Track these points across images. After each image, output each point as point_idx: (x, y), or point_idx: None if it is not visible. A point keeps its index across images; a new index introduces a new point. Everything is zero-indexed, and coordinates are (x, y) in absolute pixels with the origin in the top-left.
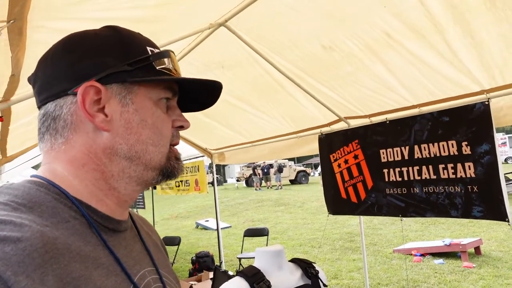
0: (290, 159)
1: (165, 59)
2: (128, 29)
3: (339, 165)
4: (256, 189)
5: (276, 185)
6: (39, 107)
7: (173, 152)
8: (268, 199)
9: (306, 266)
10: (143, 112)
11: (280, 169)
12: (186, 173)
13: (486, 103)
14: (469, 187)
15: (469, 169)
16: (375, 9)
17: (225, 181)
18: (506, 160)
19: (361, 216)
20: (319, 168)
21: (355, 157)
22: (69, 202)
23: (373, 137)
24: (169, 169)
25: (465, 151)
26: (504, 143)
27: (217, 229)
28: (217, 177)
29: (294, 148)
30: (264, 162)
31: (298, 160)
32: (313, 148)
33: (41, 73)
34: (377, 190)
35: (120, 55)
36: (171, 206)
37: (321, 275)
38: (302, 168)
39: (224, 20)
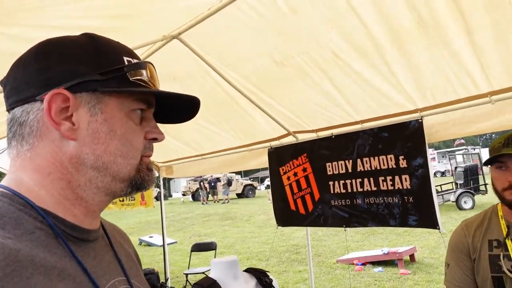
0: (237, 173)
1: (142, 71)
2: (108, 38)
3: (288, 178)
4: (202, 203)
5: (223, 199)
6: (8, 111)
7: (144, 163)
8: (215, 213)
9: (260, 275)
10: (113, 122)
11: (229, 183)
12: None
13: (420, 120)
14: (405, 197)
15: (406, 181)
16: (324, 29)
17: (170, 196)
18: (435, 173)
19: (308, 228)
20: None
21: (304, 170)
22: (34, 213)
23: (320, 151)
24: (139, 181)
25: (402, 164)
26: (433, 158)
27: (163, 245)
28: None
29: (245, 161)
30: (211, 176)
31: (245, 173)
32: (262, 161)
33: (12, 77)
34: (324, 201)
35: (93, 63)
36: (113, 222)
37: (275, 283)
38: (249, 181)
39: (178, 33)
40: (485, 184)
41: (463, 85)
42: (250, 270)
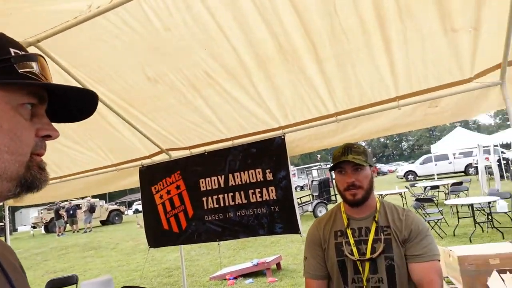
0: (101, 198)
1: (32, 63)
2: None
3: (161, 197)
4: (58, 235)
5: (84, 228)
6: None
7: (35, 161)
8: (75, 244)
9: None
10: None
11: (92, 209)
12: None
13: (282, 137)
14: (272, 207)
15: (272, 192)
16: (197, 49)
17: (15, 230)
18: (296, 188)
19: (182, 247)
20: (134, 206)
21: (177, 187)
22: None
23: (194, 167)
24: (29, 179)
25: (269, 177)
26: (294, 174)
27: None
28: (2, 225)
29: (113, 181)
30: (70, 203)
31: (110, 198)
32: (133, 180)
33: None
34: (197, 218)
35: None
36: None
37: None
38: (115, 206)
39: (36, 40)
40: (335, 195)
41: (315, 106)
42: None
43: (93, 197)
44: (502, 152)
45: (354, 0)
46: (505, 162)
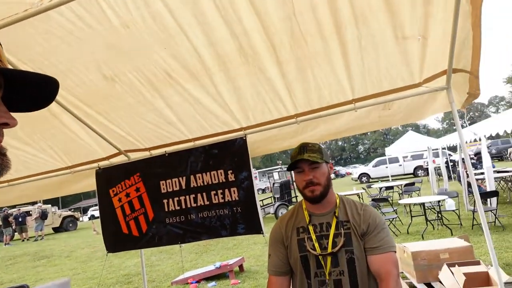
0: (53, 204)
1: None
2: None
3: (119, 199)
4: (5, 244)
5: (35, 236)
6: None
7: None
8: (25, 253)
9: None
10: None
11: (43, 216)
12: None
13: (244, 138)
14: (234, 208)
15: (234, 193)
16: (156, 48)
17: None
18: (258, 190)
19: (142, 252)
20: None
21: (137, 189)
22: None
23: (154, 169)
24: None
25: (231, 178)
26: (256, 177)
27: None
28: None
29: (68, 185)
30: (18, 209)
31: (63, 204)
32: (89, 183)
33: None
34: (158, 221)
35: None
36: None
37: None
38: (69, 213)
39: None
40: (296, 196)
41: (276, 107)
42: None
43: (45, 203)
44: (449, 155)
45: (312, 5)
46: (452, 163)
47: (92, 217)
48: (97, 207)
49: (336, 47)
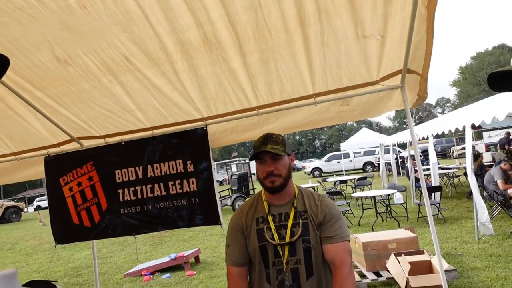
0: None
1: None
2: None
3: (70, 189)
4: None
5: None
6: None
7: None
8: None
9: (45, 286)
10: None
11: None
12: None
13: (205, 128)
14: (193, 199)
15: (193, 184)
16: (115, 31)
17: None
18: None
19: (94, 243)
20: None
21: (90, 178)
22: None
23: (109, 158)
24: None
25: (189, 168)
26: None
27: None
28: None
29: (13, 173)
30: None
31: (6, 194)
32: (37, 171)
33: None
34: (112, 211)
35: None
36: None
37: None
38: (12, 203)
39: None
40: (254, 189)
41: (238, 98)
42: (32, 283)
43: None
44: (399, 151)
45: None
46: (401, 160)
47: (39, 208)
48: (44, 197)
49: (299, 41)
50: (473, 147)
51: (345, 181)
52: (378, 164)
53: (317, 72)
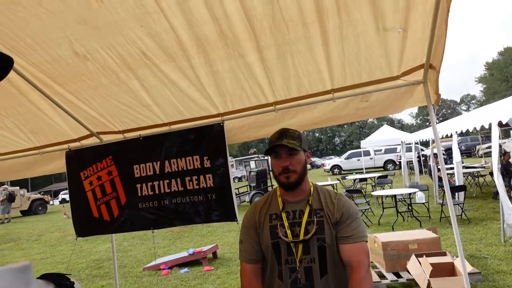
0: (22, 186)
1: None
2: None
3: (90, 183)
4: None
5: (1, 219)
6: None
7: None
8: None
9: (59, 280)
10: None
11: (11, 198)
12: None
13: (222, 124)
14: (209, 195)
15: (209, 180)
16: (132, 26)
17: None
18: (234, 179)
19: (114, 237)
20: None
21: (109, 173)
22: None
23: (127, 153)
24: None
25: (206, 164)
26: (232, 165)
27: None
28: None
29: (36, 167)
30: None
31: (33, 187)
32: (59, 165)
33: None
34: (130, 205)
35: None
36: None
37: (77, 285)
38: (38, 196)
39: None
40: (272, 185)
41: (255, 94)
42: (46, 276)
43: (13, 184)
44: (422, 150)
45: None
46: (423, 158)
47: (63, 201)
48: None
49: (317, 35)
50: (500, 146)
51: (365, 179)
52: (400, 162)
53: (336, 67)
